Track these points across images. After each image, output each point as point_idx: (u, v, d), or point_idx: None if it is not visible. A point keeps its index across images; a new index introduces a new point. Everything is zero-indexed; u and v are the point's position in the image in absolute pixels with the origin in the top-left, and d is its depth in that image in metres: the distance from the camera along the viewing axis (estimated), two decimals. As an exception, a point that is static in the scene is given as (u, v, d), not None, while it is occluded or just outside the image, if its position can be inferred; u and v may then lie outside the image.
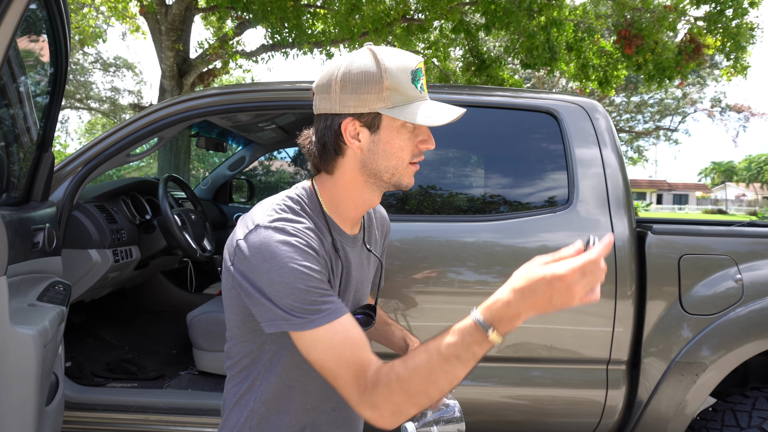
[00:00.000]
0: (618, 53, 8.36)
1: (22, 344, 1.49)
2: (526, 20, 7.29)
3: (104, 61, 20.59)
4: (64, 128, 26.27)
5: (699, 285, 1.86)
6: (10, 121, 1.72)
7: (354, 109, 0.97)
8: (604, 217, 1.90)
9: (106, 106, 21.40)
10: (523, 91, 2.24)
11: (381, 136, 1.00)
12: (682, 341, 1.84)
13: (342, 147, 1.03)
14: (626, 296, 1.84)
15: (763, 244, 1.90)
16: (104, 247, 2.29)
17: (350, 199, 1.08)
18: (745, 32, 7.80)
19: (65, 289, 1.83)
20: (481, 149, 2.24)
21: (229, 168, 4.23)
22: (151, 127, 2.12)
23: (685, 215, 35.36)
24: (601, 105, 2.12)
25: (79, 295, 2.28)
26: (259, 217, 0.97)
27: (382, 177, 1.03)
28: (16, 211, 1.67)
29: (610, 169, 1.96)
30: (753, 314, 1.82)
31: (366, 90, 0.96)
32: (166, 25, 7.49)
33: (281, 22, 7.54)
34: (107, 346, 2.89)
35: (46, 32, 1.79)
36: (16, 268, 1.58)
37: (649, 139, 29.14)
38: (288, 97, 2.14)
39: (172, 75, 7.73)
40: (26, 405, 1.52)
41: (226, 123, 3.28)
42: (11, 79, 1.67)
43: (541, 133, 2.07)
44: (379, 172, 1.02)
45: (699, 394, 1.84)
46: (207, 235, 3.08)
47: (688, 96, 25.28)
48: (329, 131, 1.02)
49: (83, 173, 2.11)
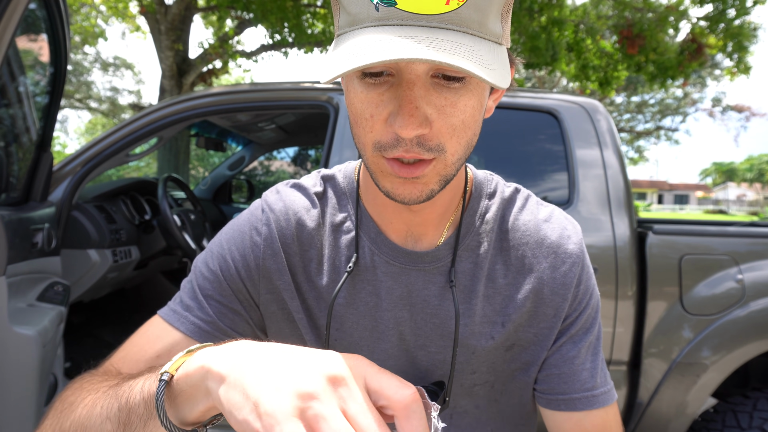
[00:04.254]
0: (618, 54, 8.35)
1: (21, 344, 1.49)
2: (527, 20, 7.28)
3: (104, 61, 20.60)
4: (63, 128, 26.29)
5: (700, 285, 1.85)
6: (10, 121, 1.72)
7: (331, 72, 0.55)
8: (605, 217, 1.90)
9: (105, 105, 21.41)
10: (524, 90, 2.23)
11: (345, 86, 0.60)
12: (683, 342, 1.84)
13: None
14: (627, 297, 1.84)
15: (764, 245, 1.89)
16: (103, 247, 2.28)
17: (375, 190, 0.70)
18: (748, 32, 7.81)
19: (64, 289, 1.83)
20: (481, 149, 2.24)
21: (228, 168, 4.23)
22: (151, 127, 2.12)
23: (686, 215, 35.36)
24: (602, 105, 2.11)
25: (78, 296, 2.28)
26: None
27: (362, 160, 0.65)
28: (15, 211, 1.66)
29: (610, 170, 1.96)
30: (754, 315, 1.81)
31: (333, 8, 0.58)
32: (166, 24, 7.49)
33: (281, 22, 7.53)
34: (107, 346, 2.89)
35: (45, 32, 1.79)
36: (16, 269, 1.58)
37: (649, 139, 29.13)
38: (288, 97, 2.13)
39: (172, 75, 7.72)
40: (25, 405, 1.52)
41: (225, 123, 3.27)
42: (11, 79, 1.67)
43: (542, 133, 2.07)
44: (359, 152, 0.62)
45: (700, 394, 1.84)
46: (206, 235, 3.07)
47: (689, 96, 25.28)
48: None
49: (82, 173, 2.10)
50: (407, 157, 0.55)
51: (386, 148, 0.55)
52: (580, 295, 0.71)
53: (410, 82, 0.52)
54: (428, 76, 0.53)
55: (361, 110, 0.56)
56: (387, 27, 0.50)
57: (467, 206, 0.72)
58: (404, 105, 0.52)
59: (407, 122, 0.52)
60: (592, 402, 0.70)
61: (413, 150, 0.54)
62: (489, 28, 0.52)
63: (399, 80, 0.53)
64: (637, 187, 55.45)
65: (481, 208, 0.72)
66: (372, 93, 0.54)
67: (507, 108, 2.07)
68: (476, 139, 0.60)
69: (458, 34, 0.50)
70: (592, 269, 0.75)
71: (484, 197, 0.73)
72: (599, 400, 0.70)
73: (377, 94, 0.54)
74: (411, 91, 0.52)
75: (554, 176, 2.01)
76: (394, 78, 0.54)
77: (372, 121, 0.55)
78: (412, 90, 0.52)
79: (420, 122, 0.52)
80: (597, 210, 1.91)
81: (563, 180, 1.97)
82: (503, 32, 0.55)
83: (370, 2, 0.50)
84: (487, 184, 0.75)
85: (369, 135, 0.56)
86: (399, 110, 0.52)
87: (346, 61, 0.49)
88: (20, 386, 1.50)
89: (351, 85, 0.57)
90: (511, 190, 0.76)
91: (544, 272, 0.70)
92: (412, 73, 0.52)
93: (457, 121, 0.55)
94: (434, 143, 0.55)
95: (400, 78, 0.53)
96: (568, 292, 0.69)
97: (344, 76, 0.56)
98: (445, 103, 0.54)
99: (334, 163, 1.99)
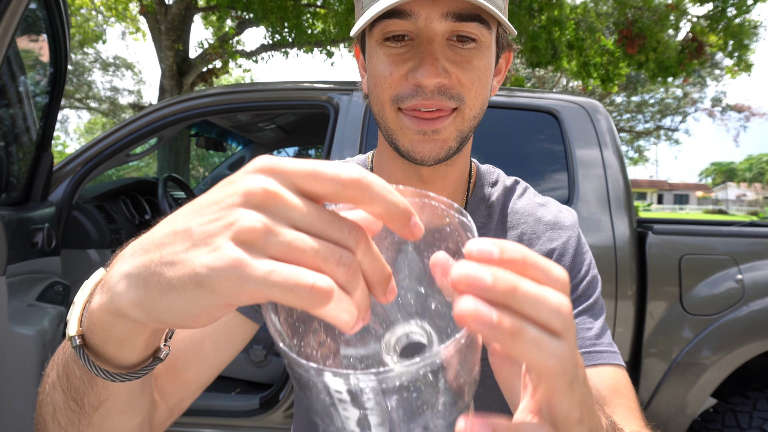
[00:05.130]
0: (619, 51, 8.36)
1: (21, 344, 1.49)
2: (527, 19, 7.28)
3: (104, 61, 20.61)
4: (63, 128, 26.30)
5: (700, 285, 1.85)
6: (10, 121, 1.72)
7: (356, 27, 0.64)
8: (605, 216, 1.90)
9: (105, 105, 21.42)
10: (524, 90, 2.23)
11: (367, 58, 0.66)
12: (683, 342, 1.84)
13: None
14: (627, 296, 1.84)
15: (763, 245, 1.89)
16: (103, 247, 2.28)
17: (389, 170, 0.72)
18: (748, 30, 7.81)
19: (64, 289, 1.83)
20: (482, 149, 2.24)
21: (228, 168, 4.23)
22: (151, 127, 2.12)
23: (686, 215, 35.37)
24: (602, 105, 2.11)
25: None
26: None
27: (380, 129, 0.68)
28: (16, 211, 1.67)
29: (610, 170, 1.96)
30: (754, 314, 1.81)
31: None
32: (166, 24, 7.49)
33: (281, 22, 7.53)
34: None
35: (45, 32, 1.79)
36: (16, 268, 1.58)
37: (649, 139, 29.14)
38: (288, 97, 2.13)
39: (172, 75, 7.72)
40: (25, 405, 1.52)
41: (226, 123, 3.27)
42: (11, 79, 1.67)
43: (542, 133, 2.07)
44: (377, 121, 0.67)
45: (700, 394, 1.84)
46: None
47: (689, 96, 25.28)
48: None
49: (82, 173, 2.10)
50: (427, 106, 0.60)
51: (404, 99, 0.60)
52: (578, 265, 0.74)
53: (430, 38, 0.59)
54: (444, 38, 0.60)
55: (381, 70, 0.61)
56: None
57: (472, 193, 0.77)
58: (425, 57, 0.58)
59: (429, 71, 0.57)
60: (596, 357, 0.69)
61: (434, 98, 0.59)
62: (496, 1, 0.59)
63: (419, 40, 0.60)
64: (637, 187, 55.46)
65: (485, 194, 0.77)
66: (393, 54, 0.61)
67: (507, 108, 2.07)
68: (487, 104, 0.65)
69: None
70: (589, 248, 0.77)
71: (488, 185, 0.78)
72: (604, 357, 0.69)
73: (398, 53, 0.61)
74: (431, 45, 0.59)
75: (554, 176, 2.01)
76: (413, 41, 0.60)
77: (391, 77, 0.61)
78: (431, 44, 0.59)
79: (440, 72, 0.58)
80: (597, 210, 1.91)
81: (563, 180, 1.97)
82: (504, 8, 0.63)
83: None
84: (489, 174, 0.80)
85: (388, 91, 0.61)
86: (420, 62, 0.58)
87: (374, 10, 0.56)
88: (20, 386, 1.50)
89: (373, 53, 0.63)
90: (512, 181, 0.81)
91: (543, 245, 0.75)
92: (431, 32, 0.59)
93: (474, 76, 0.61)
94: (456, 92, 0.60)
95: (419, 39, 0.59)
96: (566, 261, 0.73)
97: (367, 46, 0.64)
98: (461, 60, 0.60)
99: (334, 163, 1.98)
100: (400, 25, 0.59)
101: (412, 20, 0.58)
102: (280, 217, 0.28)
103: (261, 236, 0.27)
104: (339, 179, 0.28)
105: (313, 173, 0.28)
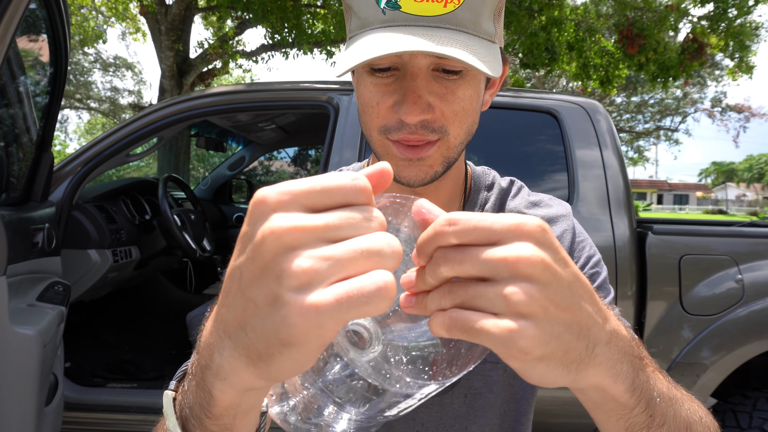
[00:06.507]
0: (619, 53, 8.36)
1: (21, 344, 1.49)
2: (527, 20, 7.28)
3: (104, 61, 20.61)
4: (63, 128, 26.28)
5: (699, 285, 1.85)
6: (10, 121, 1.72)
7: (341, 67, 0.63)
8: (605, 217, 1.90)
9: (105, 106, 21.42)
10: (524, 91, 2.23)
11: (356, 82, 0.67)
12: (683, 342, 1.84)
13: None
14: (626, 296, 1.84)
15: (763, 245, 1.90)
16: (104, 247, 2.28)
17: None
18: (749, 31, 7.80)
19: (65, 289, 1.83)
20: (482, 149, 2.24)
21: (228, 168, 4.23)
22: (151, 127, 2.12)
23: (686, 215, 35.35)
24: (602, 105, 2.11)
25: (78, 296, 2.28)
26: None
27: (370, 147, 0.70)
28: (16, 211, 1.67)
29: (610, 170, 1.96)
30: (753, 315, 1.81)
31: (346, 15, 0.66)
32: (166, 25, 7.49)
33: (281, 22, 7.53)
34: (107, 346, 2.89)
35: (46, 32, 1.79)
36: (16, 268, 1.58)
37: (649, 139, 29.15)
38: (288, 97, 2.14)
39: (172, 75, 7.72)
40: (26, 405, 1.52)
41: (226, 123, 3.28)
42: (11, 79, 1.67)
43: (542, 134, 2.07)
44: (366, 140, 0.69)
45: (700, 394, 1.84)
46: (206, 235, 3.07)
47: (689, 96, 25.28)
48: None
49: (83, 173, 2.10)
50: (412, 140, 0.61)
51: (390, 131, 0.62)
52: (576, 253, 0.75)
53: (414, 74, 0.59)
54: (429, 70, 0.60)
55: (368, 99, 0.63)
56: (393, 27, 0.57)
57: (468, 198, 0.78)
58: (408, 94, 0.59)
59: (411, 109, 0.59)
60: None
61: (418, 133, 0.61)
62: (482, 27, 0.59)
63: (404, 73, 0.60)
64: (637, 187, 55.45)
65: (480, 199, 0.78)
66: (379, 83, 0.61)
67: (507, 108, 2.07)
68: (475, 127, 0.66)
69: (455, 32, 0.57)
70: (591, 242, 0.77)
71: (483, 189, 0.79)
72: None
73: (384, 84, 0.61)
74: (414, 82, 0.59)
75: (554, 176, 2.01)
76: (399, 72, 0.61)
77: (378, 108, 0.62)
78: (415, 81, 0.59)
79: (423, 109, 0.59)
80: (597, 210, 1.91)
81: (563, 180, 1.97)
82: (496, 32, 0.62)
83: (378, 6, 0.57)
84: (484, 177, 0.81)
85: (375, 120, 0.63)
86: (404, 99, 0.59)
87: (358, 55, 0.56)
88: (20, 386, 1.50)
89: (361, 79, 0.63)
90: (507, 182, 0.82)
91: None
92: (415, 67, 0.59)
93: (458, 108, 0.61)
94: (438, 125, 0.61)
95: (404, 71, 0.60)
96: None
97: (356, 70, 0.64)
98: (445, 92, 0.60)
99: (334, 162, 1.99)
100: (386, 59, 0.59)
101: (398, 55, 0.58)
102: (312, 243, 0.29)
103: (310, 272, 0.28)
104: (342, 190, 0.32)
105: (320, 189, 0.31)
